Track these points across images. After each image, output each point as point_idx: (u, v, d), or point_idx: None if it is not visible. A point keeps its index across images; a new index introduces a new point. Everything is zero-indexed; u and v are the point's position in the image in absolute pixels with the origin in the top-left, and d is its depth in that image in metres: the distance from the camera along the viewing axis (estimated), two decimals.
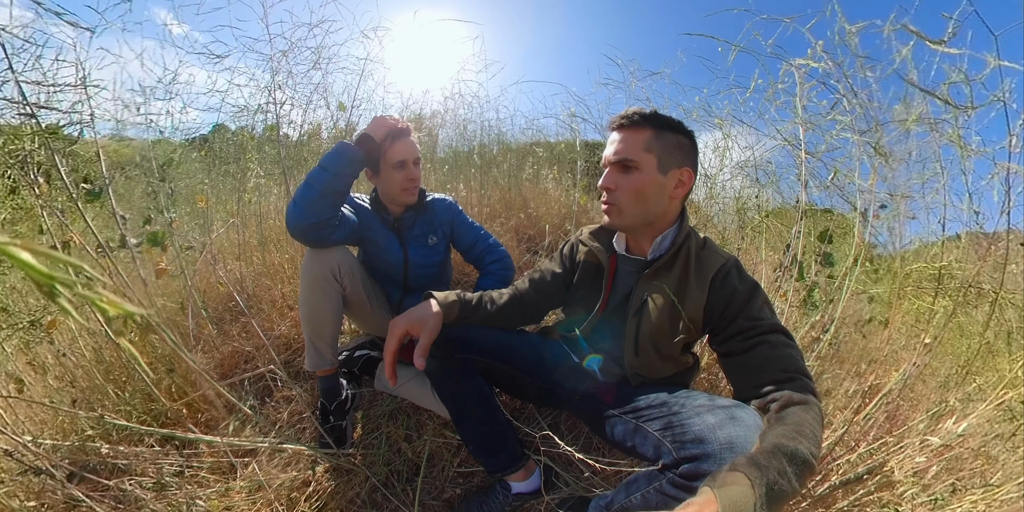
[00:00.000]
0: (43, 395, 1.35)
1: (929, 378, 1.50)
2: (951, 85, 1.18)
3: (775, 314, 0.93)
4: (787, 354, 0.84)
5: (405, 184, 1.32)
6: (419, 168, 1.36)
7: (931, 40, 1.10)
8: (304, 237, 1.21)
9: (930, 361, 1.33)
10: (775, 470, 0.59)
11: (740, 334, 0.88)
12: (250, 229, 1.97)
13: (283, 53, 1.67)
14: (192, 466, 1.21)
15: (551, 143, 2.89)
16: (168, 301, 1.59)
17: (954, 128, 1.26)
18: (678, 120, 0.94)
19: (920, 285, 1.44)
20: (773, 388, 0.79)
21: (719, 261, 0.95)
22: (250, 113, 1.77)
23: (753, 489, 0.56)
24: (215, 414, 1.40)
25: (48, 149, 1.12)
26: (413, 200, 1.38)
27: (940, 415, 1.17)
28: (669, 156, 0.91)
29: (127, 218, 1.31)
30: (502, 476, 1.15)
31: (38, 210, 1.13)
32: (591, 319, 1.09)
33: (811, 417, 0.71)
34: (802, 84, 1.52)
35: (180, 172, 2.04)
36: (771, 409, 0.75)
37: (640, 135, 0.91)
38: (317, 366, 1.34)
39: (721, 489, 0.57)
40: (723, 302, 0.92)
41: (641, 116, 0.91)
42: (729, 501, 0.55)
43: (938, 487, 1.06)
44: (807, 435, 0.67)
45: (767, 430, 0.70)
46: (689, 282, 0.95)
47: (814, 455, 0.64)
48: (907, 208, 1.51)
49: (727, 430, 0.72)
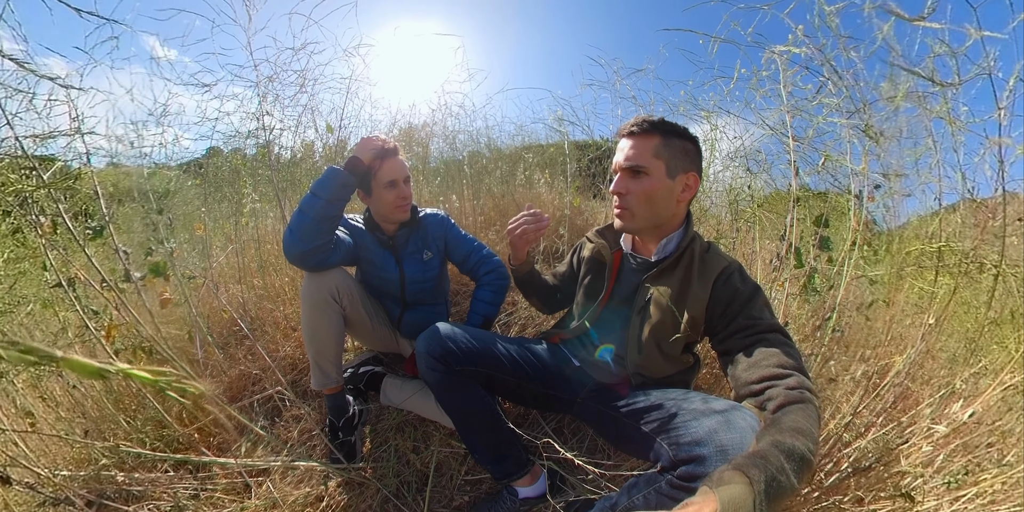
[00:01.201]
0: (55, 428, 1.39)
1: (938, 353, 1.47)
2: (936, 57, 1.16)
3: (775, 316, 0.95)
4: (784, 352, 0.84)
5: (397, 202, 1.34)
6: (409, 186, 1.38)
7: (910, 17, 1.10)
8: (302, 263, 1.24)
9: (937, 337, 1.31)
10: (773, 467, 0.59)
11: (739, 333, 0.90)
12: (249, 253, 2.00)
13: (269, 78, 1.71)
14: (207, 488, 1.24)
15: (542, 147, 2.89)
16: (174, 329, 1.63)
17: (943, 102, 1.25)
18: (683, 127, 0.98)
19: (920, 264, 1.42)
20: (770, 385, 0.79)
21: (722, 263, 0.98)
22: (241, 138, 1.81)
23: (752, 487, 0.56)
24: (227, 436, 1.43)
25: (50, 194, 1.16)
26: (406, 217, 1.40)
27: (948, 397, 1.15)
28: (676, 161, 0.96)
29: (129, 252, 1.35)
30: (509, 482, 1.16)
31: (41, 249, 1.17)
32: (595, 308, 1.11)
33: (808, 415, 0.71)
34: (785, 70, 1.51)
35: (177, 200, 2.09)
36: (768, 408, 0.75)
37: (649, 142, 0.95)
38: (323, 385, 1.36)
39: (720, 488, 0.57)
40: (724, 302, 0.94)
41: (650, 123, 0.96)
42: (728, 499, 0.55)
43: (952, 468, 1.04)
44: (804, 432, 0.66)
45: (764, 430, 0.70)
46: (692, 283, 0.97)
47: (811, 451, 0.64)
48: (902, 186, 1.49)
49: (722, 433, 0.73)
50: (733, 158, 1.89)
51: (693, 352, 1.11)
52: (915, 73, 1.20)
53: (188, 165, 2.43)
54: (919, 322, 1.29)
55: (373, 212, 1.42)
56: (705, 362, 1.47)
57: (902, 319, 1.46)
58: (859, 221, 1.40)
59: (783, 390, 0.76)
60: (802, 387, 0.77)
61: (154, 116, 1.62)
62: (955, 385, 1.15)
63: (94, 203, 1.36)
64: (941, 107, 1.25)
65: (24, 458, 1.09)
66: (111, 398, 1.43)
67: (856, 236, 1.36)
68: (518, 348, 1.16)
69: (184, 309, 1.58)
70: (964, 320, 1.52)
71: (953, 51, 1.13)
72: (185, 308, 1.56)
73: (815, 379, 1.32)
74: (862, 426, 1.19)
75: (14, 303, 1.46)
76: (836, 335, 1.41)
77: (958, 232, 1.37)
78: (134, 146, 1.60)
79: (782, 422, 0.69)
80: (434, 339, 1.08)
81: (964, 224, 1.38)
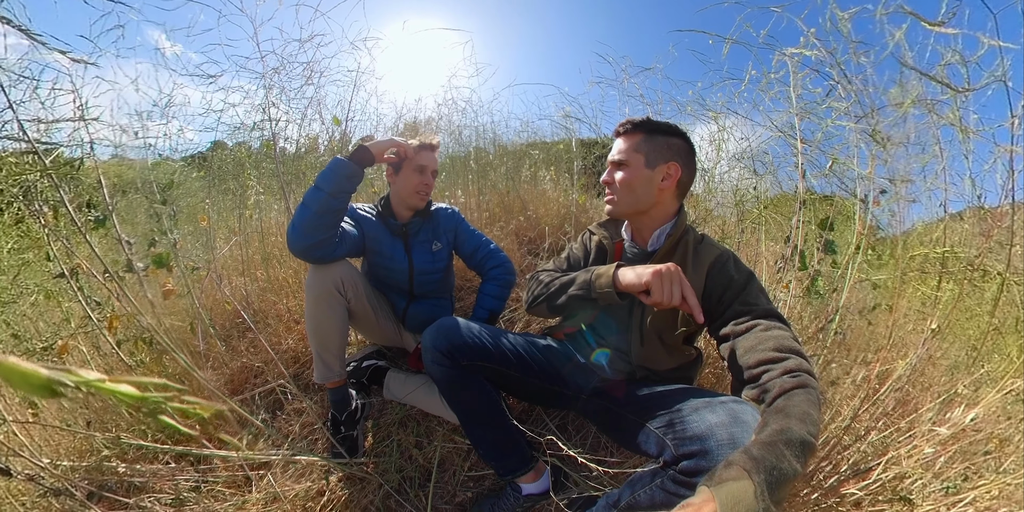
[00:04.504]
0: (57, 418, 1.38)
1: (940, 361, 1.48)
2: (947, 66, 1.16)
3: (770, 301, 0.97)
4: (780, 335, 0.85)
5: (419, 187, 1.40)
6: (434, 179, 1.45)
7: (929, 21, 1.09)
8: (306, 257, 1.23)
9: (939, 344, 1.32)
10: (772, 456, 0.59)
11: (735, 319, 0.92)
12: (253, 245, 1.99)
13: (275, 70, 1.69)
14: (208, 481, 1.24)
15: (547, 144, 2.88)
16: (176, 320, 1.62)
17: (953, 109, 1.25)
18: (669, 124, 1.07)
19: (924, 269, 1.42)
20: (768, 369, 0.80)
21: (716, 252, 1.03)
22: (246, 130, 1.79)
23: (751, 479, 0.56)
24: (228, 429, 1.42)
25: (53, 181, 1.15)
26: (422, 205, 1.45)
27: (949, 401, 1.15)
28: (656, 154, 1.04)
29: (132, 242, 1.34)
30: (512, 478, 1.16)
31: (44, 238, 1.16)
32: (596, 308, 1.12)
33: (808, 398, 0.72)
34: (795, 73, 1.51)
35: (181, 192, 2.08)
36: (765, 401, 0.76)
37: (632, 139, 1.06)
38: (326, 378, 1.36)
39: (718, 486, 0.57)
40: (720, 289, 0.98)
41: (632, 124, 1.07)
42: (727, 497, 0.55)
43: (950, 473, 1.05)
44: (802, 417, 0.67)
45: (764, 419, 0.71)
46: (687, 271, 1.00)
47: (812, 434, 0.64)
48: (908, 192, 1.50)
49: (726, 427, 0.73)
50: (740, 159, 1.89)
51: (694, 345, 1.14)
52: (927, 76, 1.20)
53: (192, 158, 2.41)
54: (921, 327, 1.30)
55: (392, 194, 1.45)
56: (708, 362, 1.48)
57: (904, 324, 1.47)
58: (864, 225, 1.40)
59: (781, 374, 0.77)
60: (800, 369, 0.77)
61: (159, 107, 1.60)
62: (957, 390, 1.16)
63: (97, 193, 1.35)
64: (952, 114, 1.25)
65: (26, 448, 1.09)
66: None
67: (861, 240, 1.36)
68: (524, 343, 1.17)
69: (187, 301, 1.57)
70: (967, 327, 1.52)
71: (964, 59, 1.13)
72: (188, 299, 1.55)
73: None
74: (862, 429, 1.20)
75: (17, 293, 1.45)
76: (838, 338, 1.42)
77: (963, 240, 1.37)
78: (138, 136, 1.59)
79: (780, 410, 0.70)
80: (440, 333, 1.08)
81: (970, 232, 1.38)
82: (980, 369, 1.31)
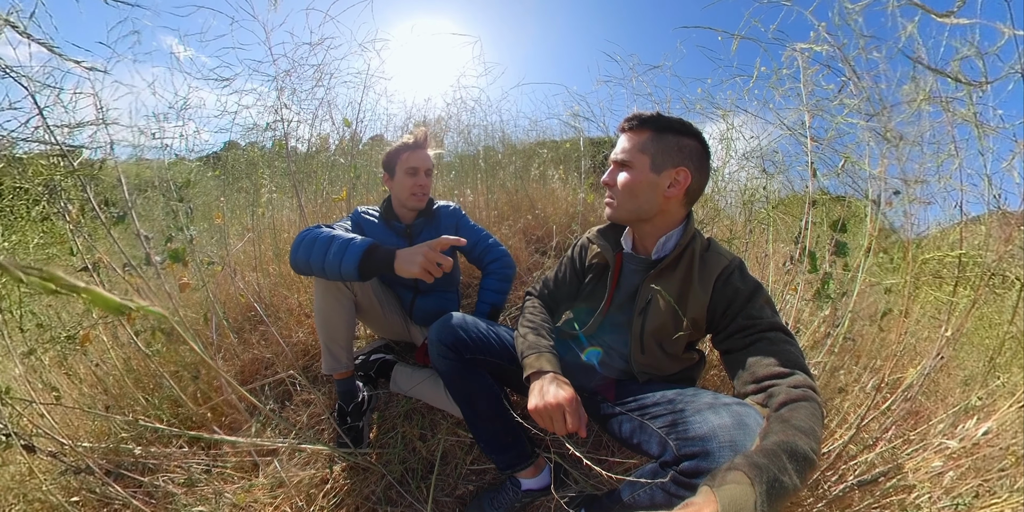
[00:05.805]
0: (78, 402, 1.46)
1: (955, 371, 1.43)
2: (963, 60, 1.12)
3: (776, 314, 0.93)
4: (785, 350, 0.84)
5: (413, 189, 1.42)
6: (430, 179, 1.46)
7: (937, 13, 1.05)
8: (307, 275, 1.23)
9: (954, 354, 1.27)
10: (775, 467, 0.59)
11: (740, 332, 0.90)
12: (265, 242, 2.06)
13: (287, 73, 1.74)
14: (218, 465, 1.30)
15: (556, 143, 2.88)
16: (191, 312, 1.69)
17: (968, 105, 1.20)
18: (683, 122, 0.95)
19: (939, 274, 1.37)
20: (773, 383, 0.79)
21: (723, 262, 0.97)
22: (259, 131, 1.85)
23: (753, 487, 0.56)
24: (238, 417, 1.48)
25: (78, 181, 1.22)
26: (421, 205, 1.46)
27: (963, 413, 1.11)
28: (664, 157, 0.94)
29: (150, 238, 1.41)
30: (512, 473, 1.18)
31: (68, 234, 1.23)
32: (597, 316, 1.10)
33: (811, 413, 0.71)
34: (806, 69, 1.47)
35: (196, 191, 2.16)
36: (770, 406, 0.75)
37: (639, 137, 0.96)
38: (334, 370, 1.40)
39: (720, 488, 0.57)
40: (725, 302, 0.94)
41: (640, 120, 0.96)
42: (729, 500, 0.55)
43: (963, 489, 1.01)
44: (806, 431, 0.66)
45: (767, 428, 0.70)
46: (693, 283, 0.97)
47: (814, 451, 0.64)
48: (922, 193, 1.44)
49: (729, 429, 0.72)
50: (749, 158, 1.85)
51: (697, 349, 1.11)
52: (939, 72, 1.15)
53: (207, 158, 2.50)
54: (935, 334, 1.25)
55: (392, 197, 1.48)
56: (713, 363, 1.46)
57: (917, 330, 1.42)
58: (876, 227, 1.36)
59: (786, 388, 0.76)
60: (805, 385, 0.76)
61: (175, 109, 1.67)
62: (971, 401, 1.12)
63: (116, 192, 1.42)
64: (967, 110, 1.20)
65: (49, 429, 1.16)
66: (131, 377, 1.50)
67: (872, 242, 1.32)
68: None
69: (202, 294, 1.64)
70: (984, 336, 1.46)
71: (980, 52, 1.08)
72: (203, 293, 1.62)
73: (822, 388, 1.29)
74: (870, 439, 1.16)
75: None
76: (847, 344, 1.38)
77: (981, 244, 1.31)
78: (156, 137, 1.66)
79: (786, 420, 0.69)
80: (446, 328, 1.10)
81: (989, 236, 1.32)
82: (996, 380, 1.26)
